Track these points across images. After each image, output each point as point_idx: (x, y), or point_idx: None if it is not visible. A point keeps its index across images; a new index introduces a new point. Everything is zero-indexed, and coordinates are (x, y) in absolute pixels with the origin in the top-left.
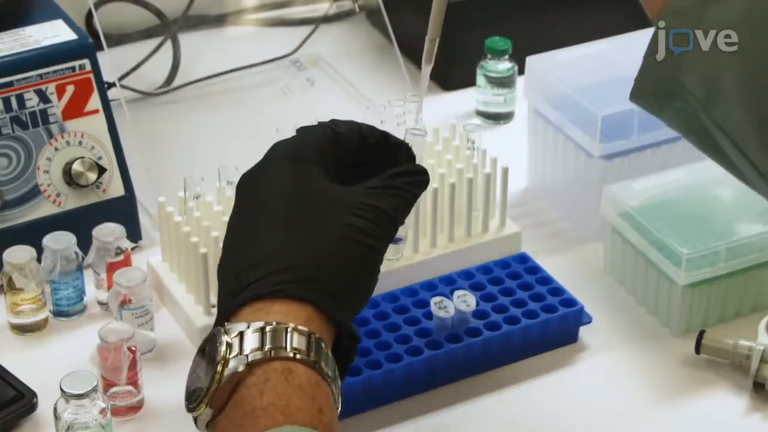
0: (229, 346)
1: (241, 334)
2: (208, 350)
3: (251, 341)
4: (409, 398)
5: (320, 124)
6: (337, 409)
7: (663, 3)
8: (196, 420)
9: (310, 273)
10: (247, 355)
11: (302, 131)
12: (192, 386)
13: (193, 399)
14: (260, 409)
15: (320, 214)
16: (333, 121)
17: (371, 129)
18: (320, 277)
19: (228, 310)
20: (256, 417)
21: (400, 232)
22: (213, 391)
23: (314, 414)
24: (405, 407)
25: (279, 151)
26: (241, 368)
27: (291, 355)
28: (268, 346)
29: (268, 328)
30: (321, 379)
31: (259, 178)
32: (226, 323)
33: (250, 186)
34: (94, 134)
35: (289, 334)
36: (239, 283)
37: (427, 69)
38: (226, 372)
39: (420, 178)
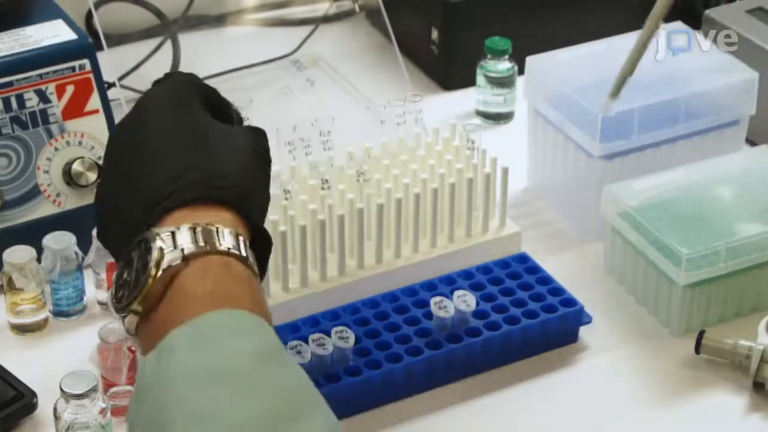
0: (161, 245)
1: (172, 234)
2: (136, 253)
3: (185, 238)
4: (409, 398)
5: (179, 72)
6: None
7: None
8: (124, 322)
9: (226, 182)
10: (182, 249)
11: (169, 78)
12: (120, 290)
13: (123, 299)
14: (202, 296)
15: (221, 135)
16: (187, 73)
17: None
18: (237, 184)
19: (151, 218)
20: (197, 303)
21: None
22: (149, 286)
23: (254, 304)
24: (405, 407)
25: (158, 97)
26: (177, 261)
27: (225, 250)
28: (201, 243)
29: (198, 228)
30: (252, 274)
31: (143, 122)
32: (152, 228)
33: (133, 129)
34: (94, 134)
35: (220, 233)
36: (156, 197)
37: (612, 101)
38: (163, 265)
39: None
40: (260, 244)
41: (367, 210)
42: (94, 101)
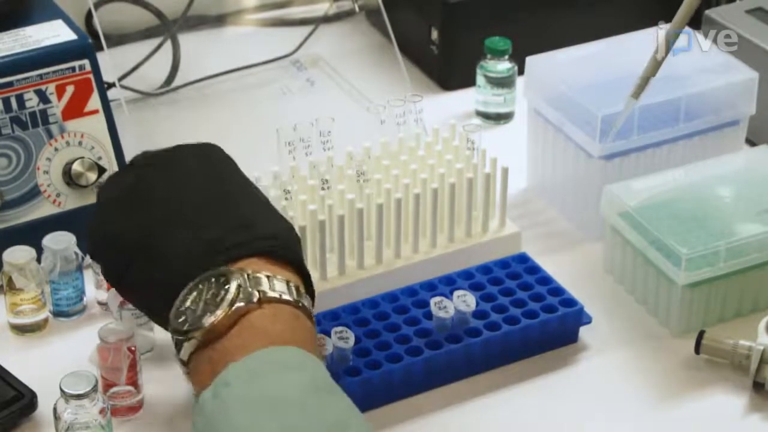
0: (242, 284)
1: (249, 276)
2: (206, 285)
3: (262, 283)
4: (409, 398)
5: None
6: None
7: None
8: (180, 348)
9: (284, 242)
10: (262, 291)
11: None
12: (182, 316)
13: (185, 324)
14: (272, 333)
15: (259, 192)
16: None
17: None
18: (291, 245)
19: (217, 259)
20: (266, 337)
21: None
22: (220, 319)
23: (313, 350)
24: (405, 407)
25: (217, 149)
26: (255, 299)
27: (293, 300)
28: (277, 291)
29: (272, 277)
30: (313, 326)
31: (224, 166)
32: (231, 266)
33: (205, 153)
34: (94, 134)
35: (292, 287)
36: (235, 237)
37: (632, 102)
38: (239, 302)
39: None
40: (311, 296)
41: (367, 210)
42: (94, 101)
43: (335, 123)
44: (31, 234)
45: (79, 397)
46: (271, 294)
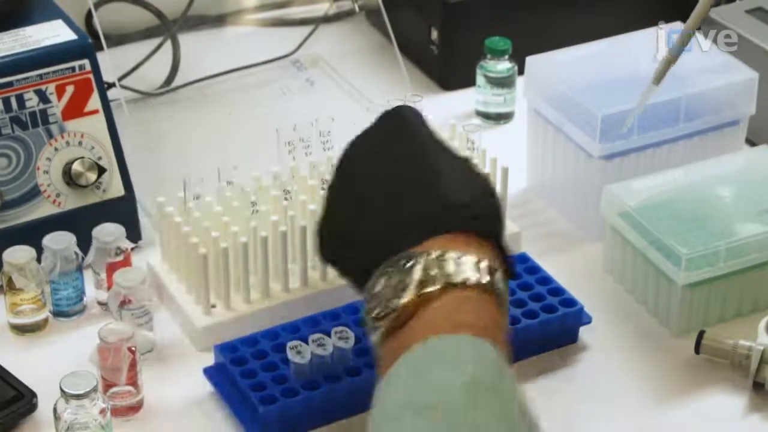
0: (427, 268)
1: (438, 259)
2: (395, 269)
3: (449, 266)
4: None
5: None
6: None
7: None
8: (372, 332)
9: (483, 210)
10: (447, 275)
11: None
12: (374, 301)
13: (373, 311)
14: (451, 320)
15: (462, 159)
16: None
17: None
18: (486, 215)
19: (410, 240)
20: (446, 323)
21: None
22: (405, 303)
23: (498, 332)
24: None
25: (412, 122)
26: (439, 284)
27: (483, 286)
28: (462, 275)
29: (463, 256)
30: (504, 312)
31: (417, 143)
32: (417, 249)
33: (396, 136)
34: (94, 134)
35: (482, 267)
36: (425, 213)
37: (653, 89)
38: (422, 289)
39: None
40: (508, 264)
41: None
42: (94, 101)
43: (335, 123)
44: (31, 234)
45: (79, 397)
46: (454, 279)
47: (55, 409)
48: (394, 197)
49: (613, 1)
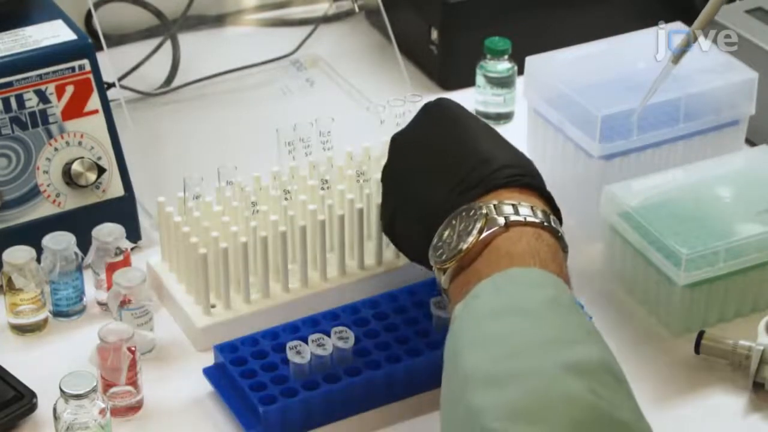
0: (488, 213)
1: (495, 206)
2: (458, 219)
3: (508, 210)
4: (409, 398)
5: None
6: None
7: None
8: (440, 277)
9: (526, 170)
10: (506, 217)
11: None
12: (440, 249)
13: (442, 256)
14: (515, 253)
15: (499, 135)
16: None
17: None
18: (533, 171)
19: (468, 195)
20: (510, 261)
21: None
22: (472, 245)
23: (557, 267)
24: (405, 407)
25: (454, 104)
26: (499, 227)
27: (539, 222)
28: (520, 215)
29: (517, 204)
30: (559, 245)
31: (459, 115)
32: (477, 201)
33: (450, 120)
34: (93, 134)
35: (535, 210)
36: (477, 174)
37: (670, 67)
38: (486, 230)
39: None
40: (558, 217)
41: (367, 210)
42: (94, 101)
43: (335, 123)
44: (31, 234)
45: (78, 397)
46: (514, 218)
47: (54, 409)
48: (447, 167)
49: (613, 1)
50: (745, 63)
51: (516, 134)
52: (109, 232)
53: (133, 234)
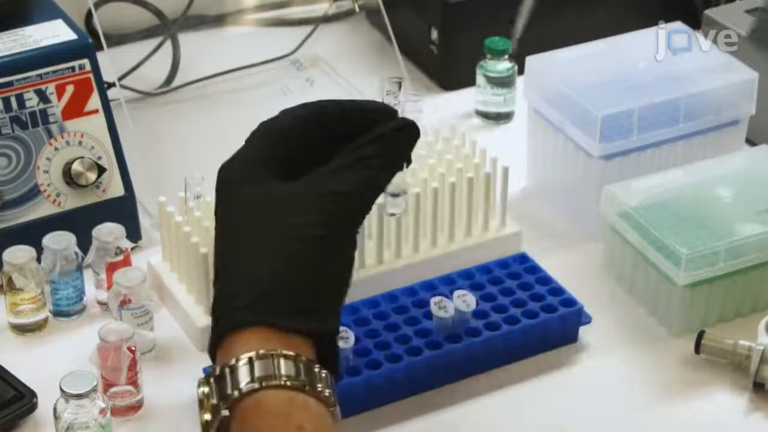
0: (207, 391)
1: (217, 377)
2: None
3: (243, 373)
4: (409, 398)
5: (283, 112)
6: (333, 414)
7: None
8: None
9: (266, 293)
10: (239, 389)
11: (258, 132)
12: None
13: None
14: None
15: (265, 227)
16: (300, 105)
17: (345, 102)
18: (275, 294)
19: (214, 340)
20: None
21: (400, 185)
22: (204, 426)
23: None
24: (405, 407)
25: (227, 178)
26: (226, 413)
27: (282, 384)
28: (256, 379)
29: (255, 362)
30: (324, 411)
31: (219, 211)
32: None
33: (218, 219)
34: (93, 134)
35: (276, 361)
36: (217, 315)
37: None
38: (206, 416)
39: (395, 135)
40: (322, 345)
41: None
42: (94, 101)
43: None
44: (31, 234)
45: (79, 397)
46: (243, 390)
47: (55, 409)
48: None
49: (613, 1)
50: (745, 63)
51: (516, 134)
52: (109, 232)
53: (134, 234)
